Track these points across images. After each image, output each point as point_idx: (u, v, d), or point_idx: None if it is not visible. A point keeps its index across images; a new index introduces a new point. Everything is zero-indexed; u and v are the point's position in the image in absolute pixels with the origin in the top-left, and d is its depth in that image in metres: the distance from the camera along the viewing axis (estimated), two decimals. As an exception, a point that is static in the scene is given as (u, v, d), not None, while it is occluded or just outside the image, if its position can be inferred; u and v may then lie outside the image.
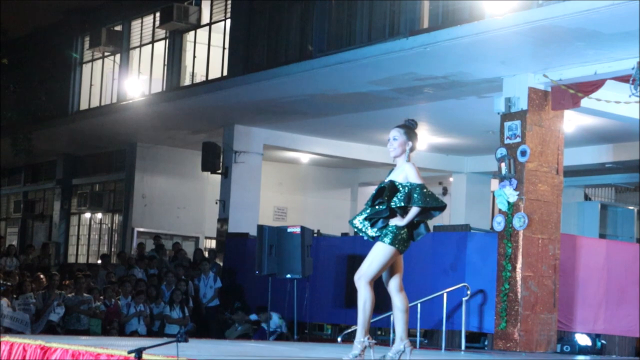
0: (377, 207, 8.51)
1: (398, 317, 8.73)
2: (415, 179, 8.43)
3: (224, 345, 12.77)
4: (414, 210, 8.36)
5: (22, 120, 24.60)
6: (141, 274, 19.80)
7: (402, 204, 8.40)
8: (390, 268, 8.60)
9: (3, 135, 24.53)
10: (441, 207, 8.53)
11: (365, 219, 8.59)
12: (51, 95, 25.95)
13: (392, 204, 8.44)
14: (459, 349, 14.69)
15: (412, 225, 8.49)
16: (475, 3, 15.14)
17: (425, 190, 8.38)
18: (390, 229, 8.44)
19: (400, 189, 8.44)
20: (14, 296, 16.63)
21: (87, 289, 17.49)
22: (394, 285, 8.71)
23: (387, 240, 8.41)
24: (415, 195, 8.36)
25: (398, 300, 8.71)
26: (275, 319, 17.18)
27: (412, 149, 8.67)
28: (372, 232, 8.52)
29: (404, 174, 8.50)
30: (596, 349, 15.85)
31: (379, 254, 8.46)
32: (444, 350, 14.24)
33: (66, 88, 26.21)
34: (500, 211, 15.29)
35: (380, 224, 8.46)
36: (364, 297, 8.63)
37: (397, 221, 8.42)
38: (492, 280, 15.09)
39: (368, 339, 8.55)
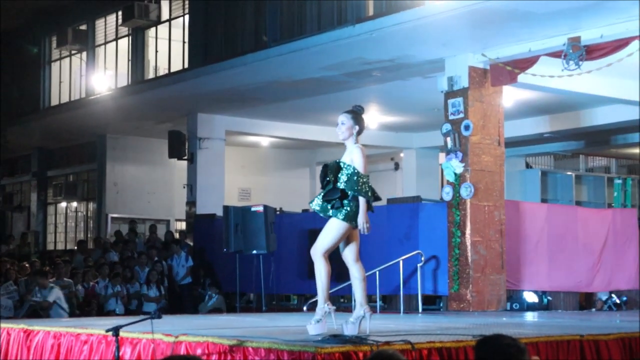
0: (326, 187, 8.55)
1: (356, 286, 8.82)
2: (359, 165, 8.44)
3: (197, 319, 12.80)
4: (362, 202, 8.38)
5: (-4, 118, 24.42)
6: (116, 257, 19.76)
7: (343, 186, 8.41)
8: (346, 240, 8.61)
9: (-21, 133, 24.34)
10: (373, 199, 8.54)
11: (323, 200, 8.57)
12: (23, 92, 25.78)
13: (339, 184, 8.45)
14: (417, 311, 14.80)
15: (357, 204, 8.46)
16: (416, -10, 15.20)
17: (362, 180, 8.38)
18: (343, 205, 8.43)
19: (344, 169, 8.46)
20: (-3, 284, 16.56)
21: (67, 273, 17.42)
22: (350, 257, 8.72)
23: (340, 216, 8.42)
24: (356, 185, 8.37)
25: (355, 270, 8.76)
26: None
27: (359, 132, 8.69)
28: (330, 212, 8.49)
29: (351, 157, 8.52)
30: (543, 305, 16.03)
31: (332, 229, 8.50)
32: (402, 314, 14.35)
33: (37, 85, 25.98)
34: (448, 182, 15.41)
35: (336, 203, 8.46)
36: (320, 268, 8.64)
37: (360, 214, 8.41)
38: (444, 246, 15.22)
39: (328, 305, 8.65)
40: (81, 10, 24.05)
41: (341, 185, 8.42)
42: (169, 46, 21.62)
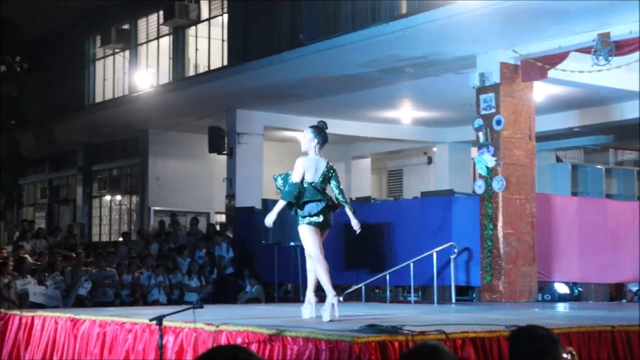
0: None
1: (319, 277, 9.46)
2: (294, 173, 9.39)
3: (237, 309, 12.84)
4: (279, 203, 9.35)
5: (44, 115, 24.58)
6: (157, 248, 19.83)
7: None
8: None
9: (27, 129, 24.51)
10: (288, 202, 9.33)
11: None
12: (69, 90, 25.95)
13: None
14: (450, 302, 14.75)
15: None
16: (448, -12, 15.13)
17: (286, 186, 9.35)
18: (299, 214, 9.32)
19: (279, 179, 9.59)
20: (46, 274, 16.68)
21: (111, 264, 17.53)
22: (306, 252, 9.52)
23: (300, 222, 9.37)
24: (281, 187, 9.47)
25: (316, 263, 9.49)
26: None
27: (320, 145, 9.62)
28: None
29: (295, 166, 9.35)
30: (574, 296, 15.92)
31: (302, 234, 9.43)
32: (436, 304, 14.31)
33: (82, 83, 26.17)
34: (480, 176, 15.34)
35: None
36: (323, 267, 9.38)
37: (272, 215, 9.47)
38: (476, 238, 15.15)
39: (334, 296, 9.26)
40: (124, 10, 24.18)
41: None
42: (208, 44, 21.69)
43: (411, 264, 14.82)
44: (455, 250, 14.98)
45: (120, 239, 23.49)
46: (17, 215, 30.59)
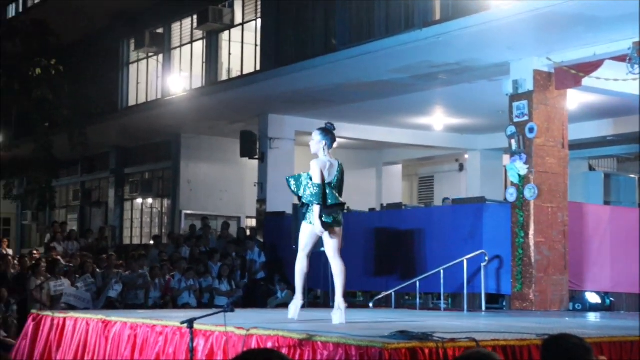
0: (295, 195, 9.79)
1: (337, 280, 9.87)
2: (313, 175, 9.50)
3: (267, 313, 12.86)
4: (316, 209, 9.49)
5: (77, 117, 24.75)
6: (188, 252, 19.89)
7: (301, 194, 9.65)
8: (328, 236, 9.64)
9: (61, 132, 24.70)
10: (326, 205, 9.49)
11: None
12: (102, 93, 26.11)
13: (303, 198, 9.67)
14: (480, 310, 14.70)
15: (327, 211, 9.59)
16: (482, -6, 15.11)
17: (312, 188, 9.45)
18: (307, 211, 9.67)
19: (303, 180, 9.61)
20: (77, 276, 16.78)
21: (142, 266, 17.59)
22: (330, 252, 9.86)
23: (305, 219, 9.71)
24: (307, 191, 9.55)
25: (336, 264, 9.85)
26: None
27: (329, 146, 9.65)
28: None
29: (311, 168, 9.52)
30: (605, 305, 15.80)
31: (301, 230, 9.80)
32: (466, 312, 14.26)
33: (115, 86, 26.36)
34: (512, 183, 15.28)
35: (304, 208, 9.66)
36: (299, 264, 10.01)
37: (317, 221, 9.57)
38: (507, 246, 15.09)
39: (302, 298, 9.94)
40: (158, 14, 24.32)
41: (300, 193, 9.65)
42: (241, 49, 21.76)
43: (441, 271, 14.79)
44: (486, 258, 14.93)
45: (152, 242, 23.59)
46: (50, 217, 30.83)
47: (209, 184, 25.51)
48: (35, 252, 19.26)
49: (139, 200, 28.21)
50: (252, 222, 24.40)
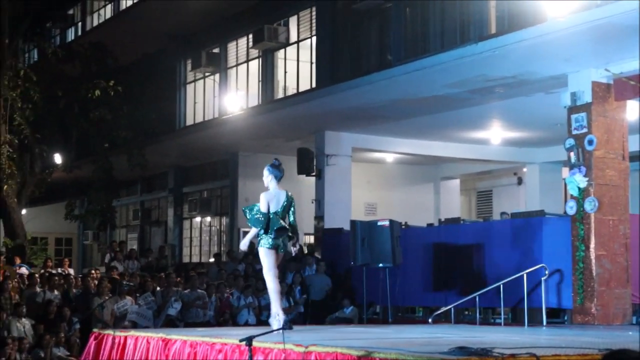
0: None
1: (269, 291, 11.17)
2: (261, 205, 11.07)
3: (326, 330, 12.86)
4: (251, 231, 11.16)
5: (136, 138, 25.06)
6: (244, 269, 19.92)
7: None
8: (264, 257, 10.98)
9: (120, 152, 25.01)
10: (267, 231, 10.98)
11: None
12: (160, 113, 26.40)
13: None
14: (541, 324, 14.55)
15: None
16: (537, 6, 15.01)
17: (255, 214, 11.05)
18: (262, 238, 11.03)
19: (248, 210, 11.14)
20: (137, 295, 16.93)
21: (202, 284, 17.68)
22: (264, 269, 11.07)
23: (260, 244, 11.07)
24: (250, 217, 11.10)
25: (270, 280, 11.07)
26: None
27: (277, 180, 11.35)
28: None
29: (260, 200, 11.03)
30: (670, 319, 15.55)
31: (260, 254, 11.10)
32: (526, 327, 14.12)
33: (173, 107, 26.65)
34: (571, 196, 15.13)
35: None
36: (270, 283, 11.06)
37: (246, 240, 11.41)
38: (568, 260, 14.93)
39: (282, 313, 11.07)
40: (214, 34, 24.56)
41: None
42: (297, 67, 21.88)
43: (501, 286, 14.67)
44: (546, 272, 14.77)
45: (212, 260, 23.73)
46: (110, 236, 31.20)
47: (267, 201, 25.55)
48: (93, 271, 19.46)
49: (198, 219, 28.42)
50: (310, 239, 24.45)
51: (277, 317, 10.96)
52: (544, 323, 14.57)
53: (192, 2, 23.30)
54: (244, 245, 11.38)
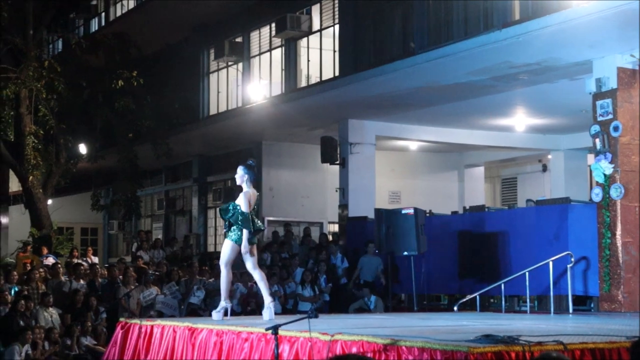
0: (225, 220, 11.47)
1: (261, 285, 11.47)
2: (241, 205, 11.20)
3: (351, 318, 12.87)
4: (244, 233, 11.21)
5: (160, 128, 25.13)
6: (269, 258, 19.98)
7: (231, 220, 11.29)
8: (247, 254, 11.33)
9: (144, 142, 25.09)
10: (253, 230, 11.28)
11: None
12: (183, 103, 26.46)
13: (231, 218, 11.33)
14: (567, 312, 14.51)
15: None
16: (562, -8, 14.92)
17: (243, 216, 11.16)
18: (232, 232, 11.37)
19: (231, 209, 11.27)
20: (162, 284, 17.01)
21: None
22: (250, 266, 11.42)
23: (231, 239, 11.36)
24: (240, 218, 11.18)
25: (257, 274, 11.46)
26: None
27: (250, 180, 11.39)
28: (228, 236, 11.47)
29: (239, 200, 11.24)
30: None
31: (227, 247, 11.42)
32: (552, 314, 14.09)
33: (196, 96, 26.69)
34: (597, 183, 15.05)
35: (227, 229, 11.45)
36: (224, 274, 11.50)
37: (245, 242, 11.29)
38: (594, 247, 14.86)
39: (227, 302, 11.57)
40: (237, 23, 24.57)
41: (232, 219, 11.27)
42: (320, 55, 21.85)
43: (526, 273, 14.64)
44: (572, 259, 14.72)
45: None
46: (136, 226, 31.34)
47: (291, 190, 25.63)
48: (123, 261, 19.56)
49: (222, 208, 28.41)
50: (335, 228, 24.46)
51: (269, 306, 11.37)
52: (570, 311, 14.53)
53: (214, -9, 23.34)
54: (244, 249, 11.40)
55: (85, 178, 30.43)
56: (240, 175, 11.50)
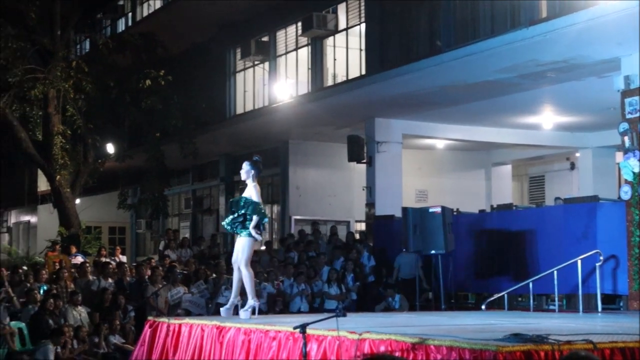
0: (234, 214, 11.53)
1: (247, 283, 11.54)
2: (256, 197, 11.53)
3: (379, 317, 12.87)
4: (255, 219, 11.41)
5: (187, 127, 25.22)
6: (296, 257, 20.00)
7: (245, 212, 11.44)
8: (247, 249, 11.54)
9: (171, 141, 25.19)
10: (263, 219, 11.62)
11: (232, 221, 11.57)
12: (210, 102, 26.54)
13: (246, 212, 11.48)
14: (596, 310, 14.43)
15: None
16: (589, -11, 14.83)
17: (259, 207, 11.47)
18: (244, 230, 11.47)
19: (242, 202, 11.48)
20: (190, 283, 17.06)
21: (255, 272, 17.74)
22: (244, 262, 11.51)
23: (246, 234, 11.44)
24: (258, 208, 11.49)
25: (247, 272, 11.53)
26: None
27: (256, 175, 11.79)
28: (238, 231, 11.57)
29: (249, 192, 11.56)
30: None
31: (244, 244, 11.51)
32: (581, 313, 14.02)
33: (223, 95, 26.77)
34: (626, 181, 14.95)
35: (240, 225, 11.48)
36: (248, 274, 11.52)
37: (252, 230, 11.44)
38: (623, 245, 14.77)
39: (255, 300, 11.63)
40: (263, 22, 24.61)
41: (247, 212, 11.42)
42: (346, 54, 21.87)
43: (555, 272, 14.56)
44: (601, 258, 14.64)
45: (263, 248, 23.85)
46: (163, 225, 31.46)
47: (318, 189, 25.64)
48: (151, 260, 19.64)
49: (249, 207, 28.45)
50: (362, 226, 24.45)
51: (253, 302, 11.64)
52: (599, 309, 14.44)
53: (240, -9, 23.40)
54: (261, 236, 11.84)
55: (112, 177, 30.59)
56: (247, 171, 11.79)
